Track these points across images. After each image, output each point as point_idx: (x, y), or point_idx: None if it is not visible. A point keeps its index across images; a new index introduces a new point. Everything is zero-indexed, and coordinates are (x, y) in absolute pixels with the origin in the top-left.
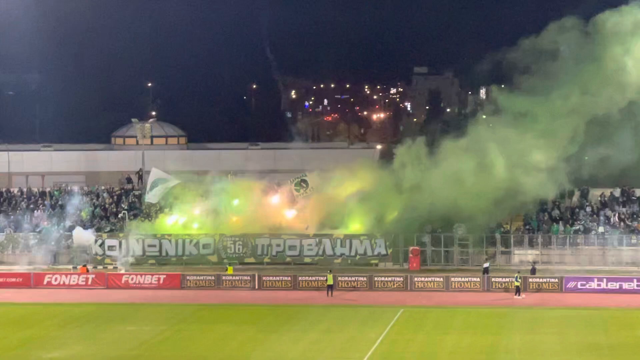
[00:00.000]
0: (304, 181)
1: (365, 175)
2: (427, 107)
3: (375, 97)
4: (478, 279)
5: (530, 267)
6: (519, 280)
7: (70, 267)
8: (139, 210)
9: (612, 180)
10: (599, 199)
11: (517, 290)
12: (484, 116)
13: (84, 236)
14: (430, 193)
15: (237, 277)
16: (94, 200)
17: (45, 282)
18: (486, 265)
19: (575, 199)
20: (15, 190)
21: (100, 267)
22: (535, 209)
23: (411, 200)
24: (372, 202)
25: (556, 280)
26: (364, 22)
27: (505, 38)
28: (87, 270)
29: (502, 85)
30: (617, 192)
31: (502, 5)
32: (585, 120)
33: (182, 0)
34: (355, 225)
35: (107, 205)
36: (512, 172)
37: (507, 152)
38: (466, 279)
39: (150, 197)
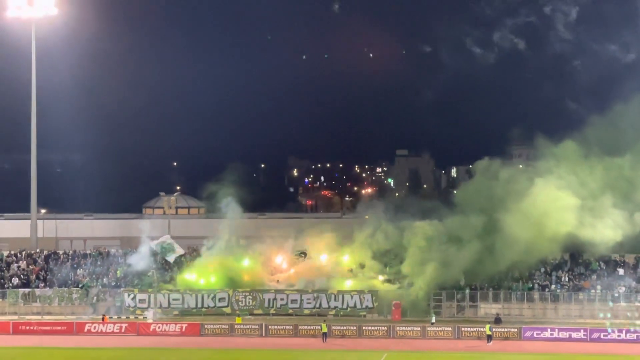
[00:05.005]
0: (304, 253)
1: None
2: (407, 184)
3: (363, 175)
4: (450, 329)
5: (494, 318)
6: (492, 330)
7: (101, 317)
8: (164, 268)
9: None
10: (552, 261)
11: (489, 338)
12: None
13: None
14: (509, 234)
15: (248, 326)
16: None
17: (85, 330)
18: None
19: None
20: (61, 252)
21: (132, 317)
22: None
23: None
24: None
25: (516, 329)
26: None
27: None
28: (108, 319)
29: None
30: (567, 256)
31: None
32: None
33: (202, 91)
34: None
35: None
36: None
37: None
38: (440, 329)
39: (154, 245)
